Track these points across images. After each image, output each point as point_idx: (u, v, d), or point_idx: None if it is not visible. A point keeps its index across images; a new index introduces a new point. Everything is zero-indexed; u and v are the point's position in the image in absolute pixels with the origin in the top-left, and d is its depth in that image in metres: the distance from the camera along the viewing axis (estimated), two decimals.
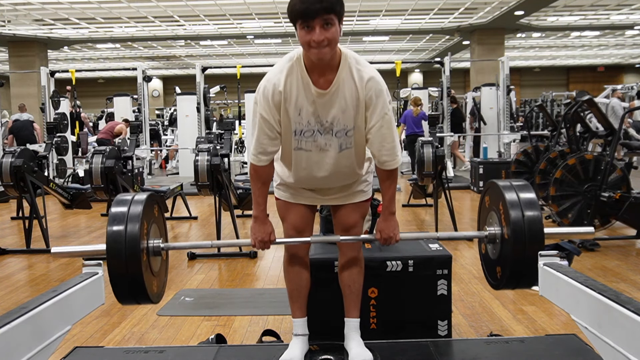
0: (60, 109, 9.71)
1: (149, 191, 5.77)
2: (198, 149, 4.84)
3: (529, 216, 1.97)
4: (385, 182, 2.16)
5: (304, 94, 2.01)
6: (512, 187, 2.07)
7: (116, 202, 2.01)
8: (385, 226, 2.18)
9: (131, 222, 1.93)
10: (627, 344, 1.38)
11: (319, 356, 2.31)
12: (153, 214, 2.10)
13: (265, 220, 2.17)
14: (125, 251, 1.89)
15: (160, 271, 2.12)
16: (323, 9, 1.83)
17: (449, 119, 9.55)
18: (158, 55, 21.46)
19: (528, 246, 1.96)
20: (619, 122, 5.26)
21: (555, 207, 5.13)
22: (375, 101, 2.01)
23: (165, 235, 2.23)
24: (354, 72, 2.00)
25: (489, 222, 2.20)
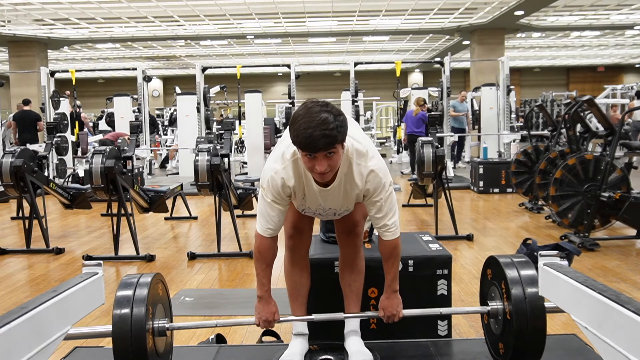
0: (60, 109, 9.72)
1: (150, 191, 5.78)
2: (198, 149, 4.84)
3: (531, 294, 2.00)
4: (388, 261, 2.18)
5: (307, 189, 2.09)
6: (513, 264, 2.10)
7: (122, 284, 2.06)
8: (389, 304, 2.21)
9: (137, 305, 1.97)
10: (627, 344, 1.38)
11: (319, 356, 2.31)
12: (158, 294, 2.15)
13: (269, 300, 2.19)
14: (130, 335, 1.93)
15: (165, 352, 2.16)
16: (327, 144, 1.84)
17: (448, 120, 9.55)
18: (158, 55, 21.45)
19: (530, 326, 1.99)
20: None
21: (555, 207, 5.13)
22: (374, 193, 2.06)
23: (170, 315, 2.25)
24: (354, 169, 2.04)
25: (490, 296, 2.23)
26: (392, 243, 2.13)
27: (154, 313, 2.06)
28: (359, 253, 2.34)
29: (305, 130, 1.81)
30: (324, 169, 1.88)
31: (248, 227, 6.25)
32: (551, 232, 5.54)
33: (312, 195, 2.09)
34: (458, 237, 5.35)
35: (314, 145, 1.83)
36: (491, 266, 2.24)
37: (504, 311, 2.08)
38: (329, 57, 22.69)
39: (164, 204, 5.89)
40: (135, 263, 4.75)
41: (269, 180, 2.06)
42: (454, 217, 5.41)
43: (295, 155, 2.02)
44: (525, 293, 2.00)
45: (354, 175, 2.03)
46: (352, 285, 2.33)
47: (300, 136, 1.83)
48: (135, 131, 5.92)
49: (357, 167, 2.03)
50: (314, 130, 1.80)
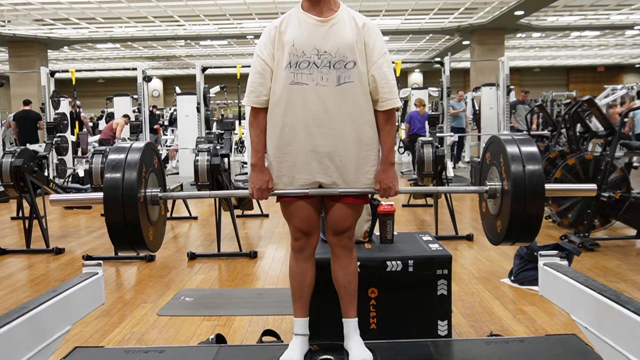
0: (60, 109, 9.72)
1: None
2: (198, 149, 4.85)
3: (530, 169, 1.93)
4: (384, 128, 2.17)
5: (299, 26, 2.10)
6: (513, 141, 2.03)
7: (114, 149, 1.98)
8: (385, 177, 2.18)
9: (129, 169, 1.90)
10: (627, 343, 1.38)
11: (319, 356, 2.30)
12: (152, 163, 2.08)
13: (263, 168, 2.17)
14: (122, 198, 1.86)
15: (158, 221, 2.09)
16: None
17: (449, 120, 9.56)
18: (158, 55, 21.45)
19: (528, 199, 1.92)
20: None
21: (555, 207, 5.13)
22: (375, 40, 2.10)
23: (163, 186, 2.19)
24: (353, 15, 2.12)
25: (489, 177, 2.17)
26: (389, 112, 2.15)
27: (146, 180, 2.00)
28: (352, 254, 2.30)
29: None
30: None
31: (248, 227, 6.25)
32: (551, 232, 5.55)
33: (307, 31, 2.08)
34: (458, 237, 5.34)
35: None
36: (491, 146, 2.18)
37: (502, 187, 2.03)
38: None
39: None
40: (135, 263, 4.75)
41: (261, 34, 2.14)
42: (454, 217, 5.41)
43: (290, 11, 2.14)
44: (524, 168, 1.93)
45: (353, 18, 2.10)
46: (347, 287, 2.30)
47: None
48: (135, 131, 5.92)
49: (357, 16, 2.12)
50: None
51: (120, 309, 3.55)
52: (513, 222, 1.95)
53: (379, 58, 2.10)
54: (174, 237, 5.93)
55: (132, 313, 3.46)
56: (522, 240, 2.05)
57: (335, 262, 2.32)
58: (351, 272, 2.30)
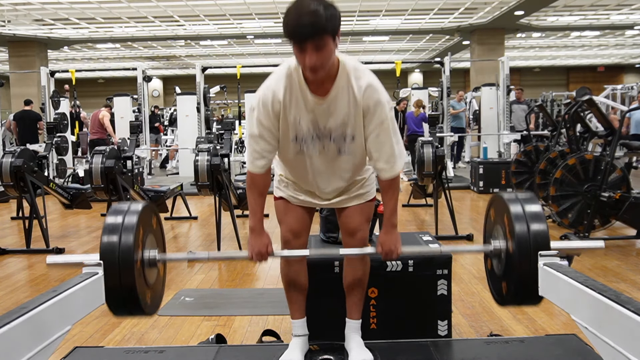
0: (60, 109, 9.72)
1: (150, 191, 5.79)
2: (198, 149, 4.84)
3: (535, 229, 1.92)
4: (386, 194, 2.12)
5: (302, 103, 2.00)
6: (517, 200, 2.01)
7: (111, 211, 1.99)
8: (387, 239, 2.13)
9: (126, 232, 1.89)
10: (627, 344, 1.38)
11: (319, 356, 2.30)
12: (150, 225, 2.08)
13: (262, 232, 2.12)
14: (119, 261, 1.86)
15: (156, 283, 2.09)
16: (314, 32, 1.78)
17: (449, 120, 9.56)
18: (158, 55, 21.45)
19: (533, 260, 1.90)
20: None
21: (555, 207, 5.13)
22: (373, 109, 1.99)
23: (162, 247, 2.18)
24: (352, 81, 1.97)
25: (494, 236, 2.15)
26: (392, 177, 2.09)
27: (144, 242, 2.00)
28: (364, 257, 2.29)
29: (293, 19, 1.81)
30: (314, 61, 1.83)
31: (248, 227, 6.24)
32: (551, 232, 5.51)
33: (308, 108, 2.01)
34: (458, 237, 5.35)
35: (302, 31, 1.80)
36: (494, 205, 2.16)
37: (507, 248, 2.00)
38: None
39: (164, 204, 5.89)
40: None
41: (260, 95, 2.01)
42: (454, 217, 5.41)
43: (290, 70, 1.99)
44: (529, 228, 1.91)
45: (351, 85, 1.97)
46: (355, 289, 2.31)
47: (289, 24, 1.82)
48: (135, 131, 5.92)
49: (356, 80, 1.97)
50: (302, 18, 1.79)
51: None
52: (519, 284, 1.93)
53: (375, 128, 2.01)
54: (174, 237, 5.93)
55: None
56: (528, 303, 2.01)
57: (347, 264, 2.33)
58: (359, 275, 2.30)
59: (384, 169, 2.06)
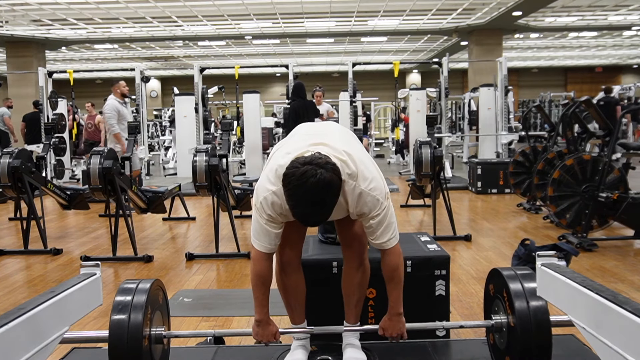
0: (58, 109, 9.70)
1: (148, 192, 5.77)
2: (196, 149, 4.84)
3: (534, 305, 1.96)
4: (390, 283, 2.13)
5: None
6: (516, 277, 2.06)
7: (121, 290, 2.04)
8: (391, 326, 2.17)
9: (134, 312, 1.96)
10: (624, 344, 1.38)
11: (317, 356, 2.31)
12: (157, 301, 2.13)
13: (269, 322, 2.15)
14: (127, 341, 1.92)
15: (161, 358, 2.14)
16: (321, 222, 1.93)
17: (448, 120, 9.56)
18: (156, 55, 21.44)
19: (535, 336, 1.94)
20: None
21: (553, 207, 5.14)
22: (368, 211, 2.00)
23: (167, 322, 2.24)
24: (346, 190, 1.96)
25: (494, 310, 2.19)
26: (393, 262, 2.08)
27: (151, 320, 2.05)
28: (362, 264, 2.28)
29: (301, 215, 1.84)
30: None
31: (246, 227, 6.24)
32: (549, 232, 5.55)
33: None
34: (456, 238, 5.35)
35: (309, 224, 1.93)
36: (493, 280, 2.21)
37: (508, 322, 2.05)
38: (327, 57, 22.70)
39: (162, 205, 5.88)
40: (133, 264, 4.74)
41: (263, 201, 2.00)
42: (452, 218, 5.41)
43: None
44: (528, 304, 1.97)
45: (346, 195, 1.97)
46: (351, 296, 2.30)
47: (296, 214, 1.86)
48: (134, 132, 5.90)
49: (349, 188, 1.96)
50: (311, 215, 1.84)
51: None
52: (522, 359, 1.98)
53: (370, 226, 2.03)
54: (172, 237, 5.93)
55: None
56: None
57: (345, 270, 2.32)
58: (356, 283, 2.29)
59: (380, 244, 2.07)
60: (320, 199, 1.79)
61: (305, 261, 2.37)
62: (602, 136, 5.34)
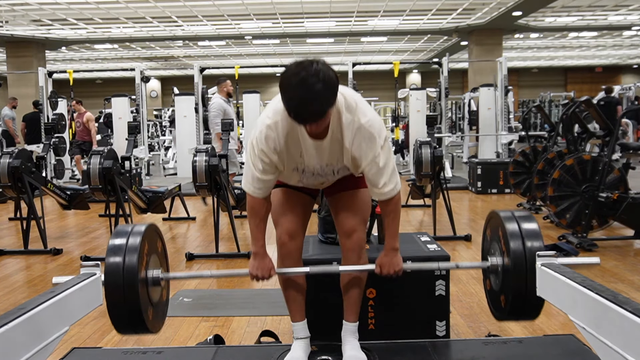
0: (58, 109, 9.71)
1: (148, 192, 5.78)
2: (196, 149, 4.84)
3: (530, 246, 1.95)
4: (387, 217, 2.14)
5: (302, 144, 2.04)
6: (513, 218, 2.05)
7: (115, 233, 2.02)
8: (387, 262, 2.16)
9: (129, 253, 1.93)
10: (624, 344, 1.38)
11: (317, 356, 2.31)
12: (153, 244, 2.10)
13: (265, 256, 2.16)
14: (123, 282, 1.89)
15: (159, 301, 2.11)
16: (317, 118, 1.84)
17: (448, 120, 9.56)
18: (156, 55, 21.44)
19: (529, 276, 1.93)
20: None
21: (553, 207, 5.13)
22: (366, 149, 2.00)
23: (165, 265, 2.21)
24: (343, 122, 1.98)
25: (491, 253, 2.18)
26: (391, 200, 2.10)
27: (147, 262, 2.02)
28: (360, 260, 2.28)
29: (296, 107, 1.81)
30: (314, 130, 1.93)
31: (246, 227, 6.24)
32: (549, 232, 5.55)
33: (310, 149, 2.05)
34: (456, 238, 5.35)
35: (305, 121, 1.85)
36: (491, 222, 2.19)
37: (503, 264, 2.03)
38: (327, 57, 22.59)
39: (162, 205, 5.89)
40: None
41: (259, 134, 2.02)
42: (452, 218, 5.41)
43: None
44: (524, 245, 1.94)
45: (343, 128, 1.99)
46: (350, 292, 2.30)
47: (290, 111, 1.82)
48: (134, 132, 5.91)
49: (347, 121, 1.99)
50: (305, 108, 1.80)
51: None
52: (515, 299, 1.97)
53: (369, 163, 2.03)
54: (172, 237, 5.93)
55: None
56: (525, 317, 2.05)
57: (344, 264, 2.31)
58: (357, 278, 2.30)
59: (383, 192, 2.08)
60: (316, 88, 1.77)
61: (305, 261, 2.37)
62: (602, 136, 5.34)
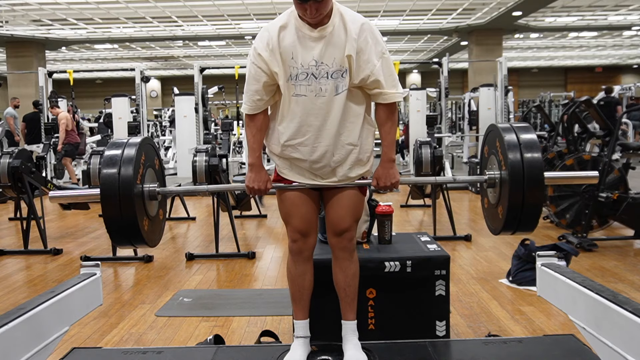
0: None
1: None
2: (196, 149, 4.84)
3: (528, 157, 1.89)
4: (385, 124, 2.16)
5: (296, 38, 2.04)
6: (511, 129, 2.00)
7: (110, 145, 1.98)
8: (384, 174, 2.18)
9: (125, 165, 1.89)
10: (624, 344, 1.38)
11: (317, 357, 2.30)
12: (149, 158, 2.07)
13: (261, 167, 2.18)
14: (119, 193, 1.85)
15: (156, 215, 2.08)
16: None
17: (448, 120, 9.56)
18: (156, 55, 21.44)
19: (527, 187, 1.88)
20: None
21: (553, 207, 5.14)
22: (372, 42, 2.04)
23: (162, 180, 2.18)
24: (346, 20, 2.04)
25: (489, 167, 2.14)
26: (390, 106, 2.12)
27: (143, 176, 2.00)
28: (352, 257, 2.28)
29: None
30: (314, 14, 1.93)
31: (246, 227, 6.24)
32: (549, 232, 5.55)
33: (304, 44, 2.04)
34: (456, 238, 5.35)
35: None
36: (490, 136, 2.15)
37: (501, 176, 2.00)
38: None
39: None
40: (133, 264, 4.74)
41: (257, 40, 2.07)
42: (452, 218, 5.41)
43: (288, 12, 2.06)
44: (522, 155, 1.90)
45: (345, 22, 2.03)
46: (347, 289, 2.30)
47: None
48: (134, 132, 5.91)
49: (351, 21, 2.03)
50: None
51: (118, 309, 3.55)
52: (512, 210, 1.93)
53: (378, 59, 2.05)
54: (172, 237, 5.93)
55: (130, 314, 3.46)
56: (522, 229, 2.00)
57: (336, 264, 2.31)
58: (351, 275, 2.29)
59: (390, 92, 2.11)
60: None
61: None
62: (602, 136, 5.34)
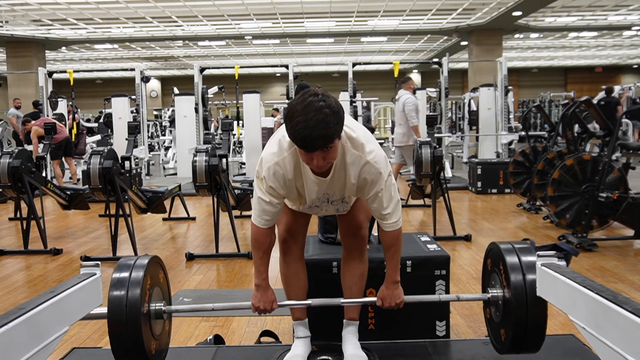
0: (58, 109, 9.71)
1: (148, 192, 5.78)
2: (196, 149, 4.84)
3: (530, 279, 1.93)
4: (389, 251, 2.14)
5: (306, 179, 2.04)
6: (513, 250, 2.04)
7: (119, 267, 2.03)
8: (389, 295, 2.17)
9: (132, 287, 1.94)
10: (624, 344, 1.38)
11: (317, 356, 2.31)
12: (156, 277, 2.12)
13: (267, 288, 2.16)
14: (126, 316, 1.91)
15: (162, 334, 2.12)
16: (325, 144, 1.78)
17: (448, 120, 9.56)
18: (156, 55, 21.44)
19: (530, 309, 1.92)
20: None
21: (553, 207, 5.14)
22: (370, 184, 2.01)
23: (168, 299, 2.22)
24: (347, 159, 1.98)
25: (491, 284, 2.17)
26: (392, 233, 2.10)
27: (150, 296, 2.03)
28: (363, 257, 2.30)
29: (303, 130, 1.75)
30: (321, 164, 1.84)
31: (246, 227, 6.24)
32: (549, 232, 5.55)
33: (310, 185, 2.04)
34: (456, 238, 5.35)
35: (312, 145, 1.77)
36: (491, 253, 2.19)
37: (504, 296, 2.03)
38: (327, 57, 22.70)
39: (162, 205, 5.88)
40: None
41: (267, 170, 2.00)
42: (452, 218, 5.41)
43: (293, 146, 1.96)
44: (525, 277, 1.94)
45: (347, 164, 1.98)
46: (352, 288, 2.31)
47: (297, 135, 1.77)
48: (133, 132, 5.90)
49: (351, 157, 1.97)
50: (312, 131, 1.74)
51: None
52: (517, 332, 1.96)
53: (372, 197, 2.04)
54: (172, 237, 5.93)
55: None
56: (527, 350, 2.02)
57: (345, 262, 2.33)
58: (358, 275, 2.31)
59: (386, 222, 2.08)
60: (322, 117, 1.75)
61: (305, 261, 2.37)
62: (602, 136, 5.33)
